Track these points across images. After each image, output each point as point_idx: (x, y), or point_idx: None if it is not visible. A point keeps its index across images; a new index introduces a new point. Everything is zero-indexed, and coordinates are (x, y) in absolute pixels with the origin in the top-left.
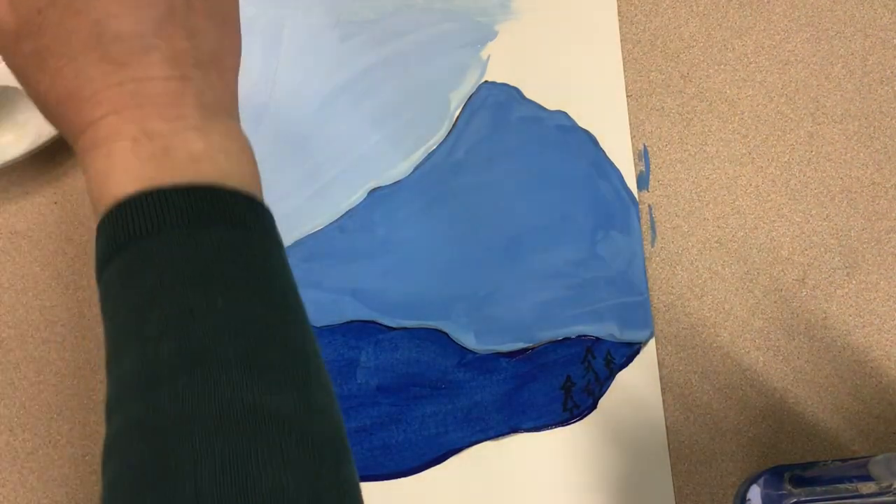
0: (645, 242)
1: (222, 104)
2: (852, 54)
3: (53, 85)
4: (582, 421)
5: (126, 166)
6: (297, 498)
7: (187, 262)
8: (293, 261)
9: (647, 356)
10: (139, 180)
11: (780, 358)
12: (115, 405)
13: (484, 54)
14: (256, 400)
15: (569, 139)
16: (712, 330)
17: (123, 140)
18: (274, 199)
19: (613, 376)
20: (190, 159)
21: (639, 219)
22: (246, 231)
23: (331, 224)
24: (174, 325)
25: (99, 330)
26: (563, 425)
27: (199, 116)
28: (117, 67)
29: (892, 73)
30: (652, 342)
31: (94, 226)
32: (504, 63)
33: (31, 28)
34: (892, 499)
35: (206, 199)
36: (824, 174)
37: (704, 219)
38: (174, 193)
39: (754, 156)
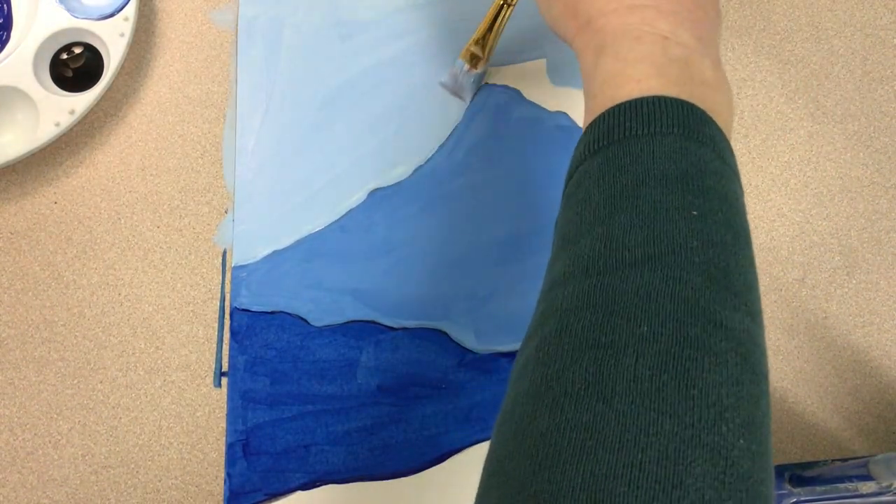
0: None
1: (716, 48)
2: (852, 54)
3: None
4: None
5: (653, 63)
6: (733, 416)
7: (675, 168)
8: (293, 261)
9: None
10: (662, 79)
11: (780, 358)
12: (562, 279)
13: None
14: (712, 309)
15: (569, 140)
16: None
17: (652, 37)
18: (275, 198)
19: None
20: (702, 83)
21: None
22: (724, 164)
23: (331, 224)
24: (646, 219)
25: (98, 330)
26: None
27: (713, 48)
28: None
29: (892, 73)
30: None
31: (94, 225)
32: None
33: None
34: (892, 498)
35: (704, 122)
36: (824, 174)
37: None
38: (680, 104)
39: (754, 156)
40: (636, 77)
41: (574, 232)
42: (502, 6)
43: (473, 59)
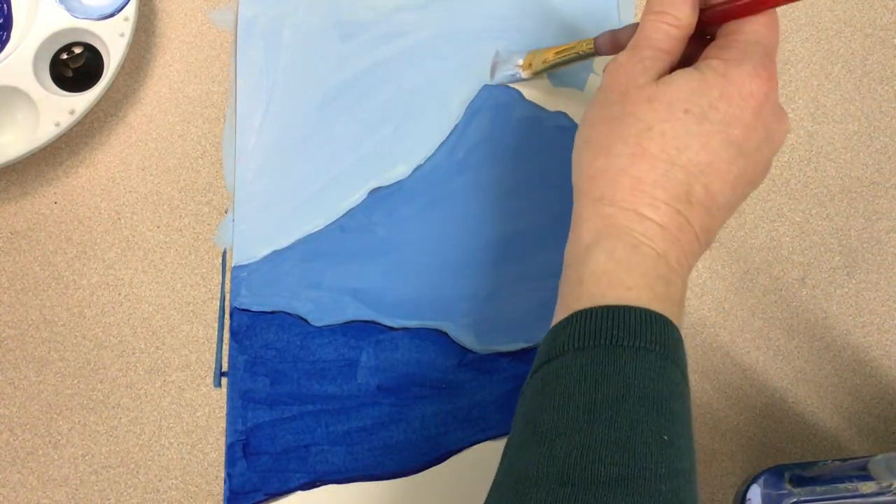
0: None
1: (690, 269)
2: (852, 54)
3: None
4: None
5: (644, 275)
6: None
7: (654, 389)
8: (293, 261)
9: None
10: (650, 293)
11: (780, 358)
12: (534, 478)
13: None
14: None
15: (568, 140)
16: (712, 330)
17: (648, 250)
18: (275, 198)
19: None
20: (677, 302)
21: None
22: (685, 383)
23: (331, 224)
24: (624, 437)
25: (98, 330)
26: None
27: (689, 270)
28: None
29: (892, 73)
30: None
31: (94, 225)
32: None
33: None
34: (892, 499)
35: (677, 341)
36: (824, 174)
37: None
38: (663, 322)
39: None
40: (628, 284)
41: (551, 429)
42: (588, 54)
43: (525, 65)
